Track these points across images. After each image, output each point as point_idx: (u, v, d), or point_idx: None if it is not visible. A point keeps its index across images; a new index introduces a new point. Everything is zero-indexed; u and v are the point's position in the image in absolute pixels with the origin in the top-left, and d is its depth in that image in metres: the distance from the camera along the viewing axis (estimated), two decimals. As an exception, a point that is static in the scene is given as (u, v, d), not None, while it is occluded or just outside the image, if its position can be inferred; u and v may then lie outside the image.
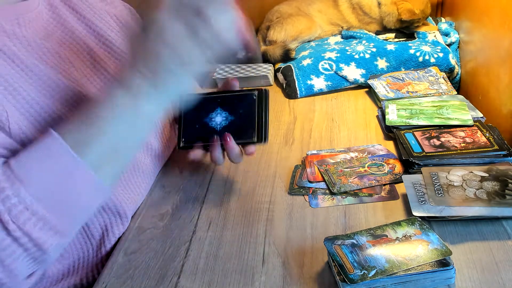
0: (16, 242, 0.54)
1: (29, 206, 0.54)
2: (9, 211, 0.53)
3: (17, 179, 0.54)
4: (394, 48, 1.23)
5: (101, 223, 0.74)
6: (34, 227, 0.54)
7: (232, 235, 0.75)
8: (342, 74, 1.21)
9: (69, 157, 0.56)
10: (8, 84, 0.63)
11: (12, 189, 0.53)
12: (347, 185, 0.83)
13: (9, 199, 0.53)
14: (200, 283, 0.67)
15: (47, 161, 0.56)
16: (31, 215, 0.54)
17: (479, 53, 1.13)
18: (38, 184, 0.55)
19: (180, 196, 0.86)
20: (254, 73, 1.29)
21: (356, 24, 1.39)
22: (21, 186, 0.54)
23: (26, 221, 0.53)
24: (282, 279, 0.66)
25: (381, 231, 0.66)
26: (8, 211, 0.53)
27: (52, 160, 0.56)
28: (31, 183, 0.54)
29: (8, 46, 0.66)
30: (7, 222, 0.53)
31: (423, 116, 0.97)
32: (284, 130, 1.05)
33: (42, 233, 0.55)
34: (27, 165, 0.55)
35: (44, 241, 0.55)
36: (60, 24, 0.77)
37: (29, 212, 0.54)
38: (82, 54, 0.78)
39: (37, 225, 0.54)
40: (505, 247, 0.67)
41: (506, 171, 0.78)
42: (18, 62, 0.66)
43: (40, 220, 0.54)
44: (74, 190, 0.57)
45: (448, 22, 1.34)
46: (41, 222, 0.54)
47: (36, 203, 0.54)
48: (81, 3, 0.83)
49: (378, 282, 0.59)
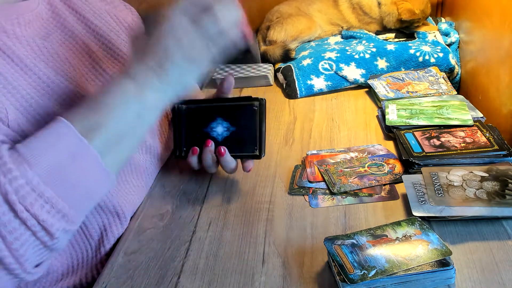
0: (24, 224, 0.53)
1: (36, 188, 0.53)
2: (17, 191, 0.52)
3: (24, 161, 0.53)
4: (394, 48, 1.23)
5: (99, 224, 0.74)
6: (41, 209, 0.53)
7: (232, 235, 0.75)
8: (342, 74, 1.21)
9: (77, 140, 0.56)
10: (7, 83, 0.63)
11: (19, 170, 0.53)
12: (347, 185, 0.83)
13: (16, 180, 0.52)
14: (200, 283, 0.67)
15: (55, 144, 0.56)
16: (39, 197, 0.53)
17: (479, 53, 1.13)
18: (45, 166, 0.54)
19: (180, 196, 0.86)
20: (254, 73, 1.29)
21: (356, 24, 1.39)
22: (28, 167, 0.53)
23: (33, 202, 0.53)
24: (282, 279, 0.66)
25: (381, 231, 0.66)
26: (16, 191, 0.52)
27: (60, 143, 0.56)
28: (38, 165, 0.54)
29: (8, 46, 0.66)
30: (15, 203, 0.52)
31: (423, 116, 0.97)
32: (284, 130, 1.05)
33: (49, 216, 0.54)
34: (34, 148, 0.55)
35: (52, 224, 0.54)
36: (59, 23, 0.77)
37: (36, 194, 0.53)
38: (81, 54, 0.78)
39: (44, 207, 0.53)
40: (505, 247, 0.67)
41: (506, 171, 0.78)
42: (18, 61, 0.66)
43: (48, 203, 0.54)
44: (80, 173, 0.57)
45: (448, 22, 1.34)
46: (48, 205, 0.54)
47: (44, 185, 0.53)
48: (81, 2, 0.83)
49: (378, 282, 0.59)
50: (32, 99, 0.65)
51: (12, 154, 0.54)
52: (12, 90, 0.63)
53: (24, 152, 0.54)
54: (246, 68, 1.33)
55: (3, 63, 0.64)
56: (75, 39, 0.78)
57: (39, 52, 0.71)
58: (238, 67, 1.34)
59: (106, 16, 0.87)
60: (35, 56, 0.70)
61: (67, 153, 0.56)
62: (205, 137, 0.81)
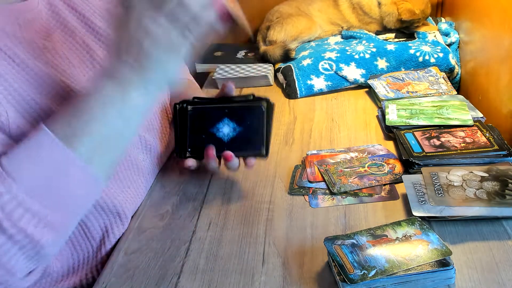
0: (11, 239, 0.53)
1: (22, 203, 0.53)
2: (2, 208, 0.52)
3: (8, 176, 0.53)
4: (394, 48, 1.23)
5: (101, 224, 0.74)
6: (29, 223, 0.53)
7: (232, 235, 0.75)
8: (342, 74, 1.21)
9: (60, 150, 0.55)
10: (8, 84, 0.63)
11: (4, 186, 0.53)
12: (347, 185, 0.83)
13: (1, 196, 0.52)
14: (200, 283, 0.67)
15: (38, 155, 0.55)
16: (25, 211, 0.53)
17: (479, 53, 1.13)
18: (30, 179, 0.54)
19: (180, 196, 0.86)
20: (254, 73, 1.29)
21: (356, 24, 1.39)
22: (13, 182, 0.53)
23: (20, 217, 0.53)
24: (282, 279, 0.66)
25: (381, 231, 0.66)
26: (1, 208, 0.52)
27: (43, 154, 0.55)
28: (22, 179, 0.54)
29: (9, 46, 0.66)
30: (1, 220, 0.52)
31: (423, 116, 0.97)
32: (284, 130, 1.05)
33: (37, 229, 0.54)
34: (18, 161, 0.55)
35: (40, 237, 0.55)
36: (59, 23, 0.77)
37: (23, 208, 0.53)
38: (81, 53, 0.78)
39: (31, 221, 0.54)
40: (505, 247, 0.67)
41: (506, 171, 0.78)
42: (19, 62, 0.66)
43: (35, 216, 0.54)
44: (67, 183, 0.57)
45: (448, 22, 1.34)
46: (36, 218, 0.54)
47: (30, 199, 0.54)
48: (81, 2, 0.83)
49: (378, 282, 0.59)
50: (33, 100, 0.65)
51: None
52: (13, 92, 0.63)
53: (8, 167, 0.54)
54: (246, 68, 1.33)
55: (4, 64, 0.64)
56: (75, 38, 0.78)
57: (40, 53, 0.71)
58: (238, 67, 1.34)
59: (106, 15, 0.86)
60: (36, 56, 0.70)
61: (51, 165, 0.55)
62: (211, 137, 0.80)
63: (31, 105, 0.65)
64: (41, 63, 0.69)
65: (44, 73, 0.69)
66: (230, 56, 1.43)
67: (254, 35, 1.44)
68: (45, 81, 0.68)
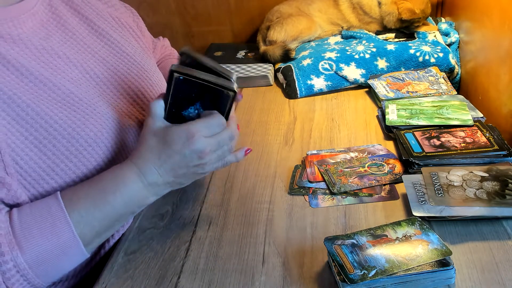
0: None
1: (21, 271, 0.59)
2: (3, 273, 0.58)
3: (17, 245, 0.59)
4: (394, 48, 1.23)
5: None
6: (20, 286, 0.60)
7: (232, 235, 0.75)
8: (342, 74, 1.21)
9: (70, 233, 0.62)
10: (2, 93, 0.63)
11: (12, 254, 0.59)
12: (347, 185, 0.83)
13: (6, 264, 0.58)
14: (200, 283, 0.67)
15: (50, 235, 0.61)
16: (20, 277, 0.60)
17: (479, 53, 1.13)
18: (35, 253, 0.60)
19: (180, 196, 0.86)
20: (254, 73, 1.29)
21: (356, 24, 1.39)
22: (20, 253, 0.59)
23: (15, 282, 0.59)
24: (282, 279, 0.66)
25: (381, 231, 0.66)
26: (2, 273, 0.58)
27: (54, 237, 0.61)
28: (29, 252, 0.60)
29: (6, 49, 0.66)
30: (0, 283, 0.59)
31: (423, 116, 0.97)
32: (284, 130, 1.05)
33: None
34: (29, 231, 0.60)
35: None
36: (60, 24, 0.77)
37: (20, 275, 0.60)
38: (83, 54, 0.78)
39: (22, 284, 0.60)
40: (505, 247, 0.67)
41: (506, 171, 0.78)
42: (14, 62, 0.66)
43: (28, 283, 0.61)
44: (63, 260, 0.63)
45: (448, 22, 1.34)
46: (26, 283, 0.61)
47: (29, 269, 0.60)
48: (83, 4, 0.83)
49: (378, 282, 0.59)
50: (28, 107, 0.65)
51: (7, 234, 0.59)
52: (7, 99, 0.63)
53: (19, 232, 0.60)
54: (246, 68, 1.33)
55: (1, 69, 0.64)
56: (76, 40, 0.78)
57: (38, 54, 0.70)
58: (238, 67, 1.34)
59: (108, 17, 0.86)
60: (35, 57, 0.69)
61: (59, 247, 0.61)
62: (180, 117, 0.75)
63: (27, 112, 0.65)
64: (40, 64, 0.69)
65: (44, 76, 0.68)
66: (230, 56, 1.43)
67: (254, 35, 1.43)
68: (44, 84, 0.68)
